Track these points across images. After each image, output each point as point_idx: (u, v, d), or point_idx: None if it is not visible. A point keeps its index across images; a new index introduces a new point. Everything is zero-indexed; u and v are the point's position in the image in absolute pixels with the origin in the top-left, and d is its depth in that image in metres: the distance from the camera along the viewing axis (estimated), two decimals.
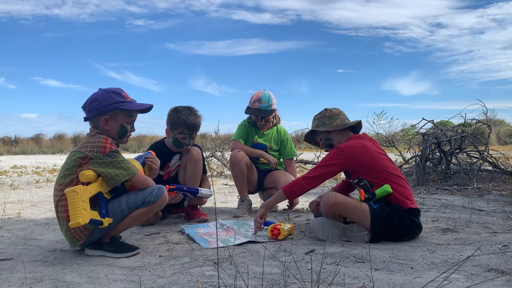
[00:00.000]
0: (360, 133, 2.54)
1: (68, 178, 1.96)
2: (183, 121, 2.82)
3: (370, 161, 2.28)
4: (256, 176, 3.30)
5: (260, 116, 3.28)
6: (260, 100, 3.26)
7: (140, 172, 2.09)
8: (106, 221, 1.93)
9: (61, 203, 1.96)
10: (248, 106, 3.33)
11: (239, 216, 3.02)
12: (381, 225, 2.14)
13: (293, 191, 2.35)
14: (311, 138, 2.63)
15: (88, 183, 1.91)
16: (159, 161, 2.30)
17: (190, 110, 2.90)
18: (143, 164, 2.24)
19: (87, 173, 1.90)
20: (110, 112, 2.06)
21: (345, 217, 2.27)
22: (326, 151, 2.56)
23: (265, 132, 3.38)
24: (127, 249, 2.02)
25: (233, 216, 3.01)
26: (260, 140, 3.36)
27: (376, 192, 2.20)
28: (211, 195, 2.90)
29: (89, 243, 2.00)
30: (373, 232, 2.16)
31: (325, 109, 2.54)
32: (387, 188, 2.19)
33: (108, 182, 1.96)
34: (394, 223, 2.15)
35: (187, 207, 2.96)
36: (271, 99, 3.28)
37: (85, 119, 2.11)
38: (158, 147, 3.01)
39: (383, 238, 2.19)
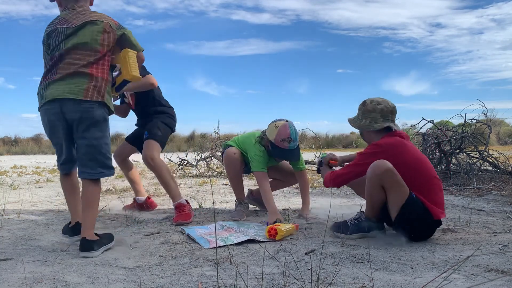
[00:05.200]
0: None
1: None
2: None
3: (411, 160, 2.15)
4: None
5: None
6: (289, 139, 2.78)
7: None
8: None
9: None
10: (274, 144, 2.81)
11: (237, 219, 2.90)
12: (408, 215, 2.07)
13: (325, 180, 2.43)
14: None
15: None
16: None
17: None
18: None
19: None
20: None
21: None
22: None
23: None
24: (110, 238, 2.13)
25: (230, 219, 2.97)
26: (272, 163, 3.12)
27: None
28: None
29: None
30: (398, 217, 2.09)
31: (364, 101, 2.36)
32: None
33: None
34: (417, 224, 2.11)
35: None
36: (297, 134, 2.87)
37: None
38: None
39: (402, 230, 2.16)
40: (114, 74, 2.28)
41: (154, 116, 3.08)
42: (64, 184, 2.26)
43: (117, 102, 3.22)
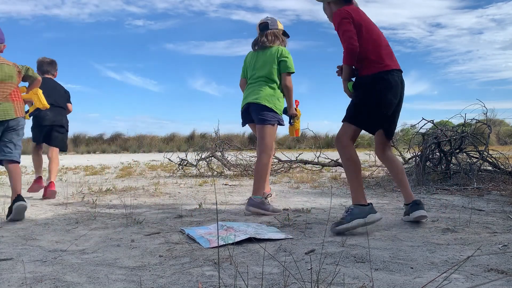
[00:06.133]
0: None
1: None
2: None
3: (368, 20, 2.53)
4: None
5: None
6: None
7: None
8: None
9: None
10: (286, 32, 3.53)
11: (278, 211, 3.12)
12: (361, 113, 2.44)
13: (344, 59, 2.49)
14: None
15: None
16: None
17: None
18: None
19: None
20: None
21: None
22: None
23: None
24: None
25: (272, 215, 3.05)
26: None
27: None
28: None
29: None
30: (355, 122, 2.46)
31: None
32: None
33: None
34: (367, 96, 2.44)
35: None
36: None
37: None
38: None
39: (377, 110, 2.46)
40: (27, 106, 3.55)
41: None
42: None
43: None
